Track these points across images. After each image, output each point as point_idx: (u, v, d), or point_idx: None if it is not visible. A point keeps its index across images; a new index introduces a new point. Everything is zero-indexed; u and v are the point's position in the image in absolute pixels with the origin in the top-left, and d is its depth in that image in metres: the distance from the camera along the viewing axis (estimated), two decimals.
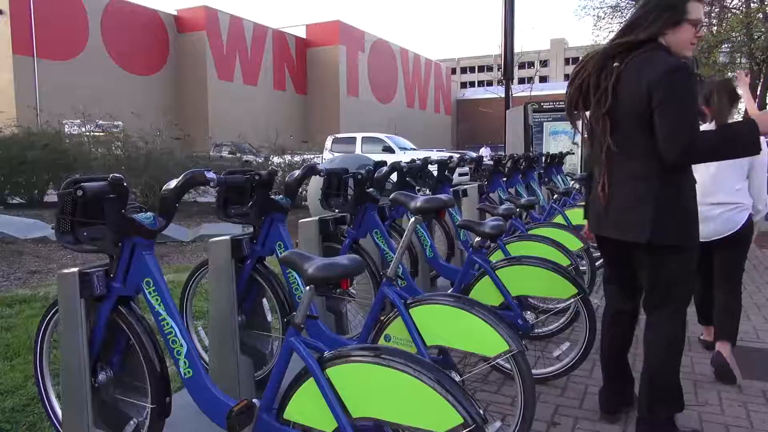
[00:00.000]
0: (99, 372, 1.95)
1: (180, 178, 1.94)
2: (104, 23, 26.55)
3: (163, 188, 1.95)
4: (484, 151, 26.88)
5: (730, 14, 12.15)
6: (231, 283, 2.44)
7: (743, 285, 3.23)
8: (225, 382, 2.41)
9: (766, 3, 10.37)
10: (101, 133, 10.85)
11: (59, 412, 2.16)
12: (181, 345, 1.87)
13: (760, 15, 10.42)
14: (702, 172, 2.81)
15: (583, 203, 5.27)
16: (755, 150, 2.02)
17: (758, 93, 12.76)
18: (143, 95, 27.33)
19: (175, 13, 30.92)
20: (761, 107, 12.84)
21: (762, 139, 2.08)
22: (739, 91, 3.19)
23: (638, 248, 2.19)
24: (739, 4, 11.96)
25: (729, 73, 15.44)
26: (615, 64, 2.11)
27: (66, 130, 11.57)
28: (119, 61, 27.27)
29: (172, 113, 17.94)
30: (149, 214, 1.92)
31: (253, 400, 1.80)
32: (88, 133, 10.83)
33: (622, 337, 2.48)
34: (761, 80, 12.84)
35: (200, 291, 3.87)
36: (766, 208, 3.14)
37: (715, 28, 12.91)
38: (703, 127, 2.94)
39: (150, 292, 1.89)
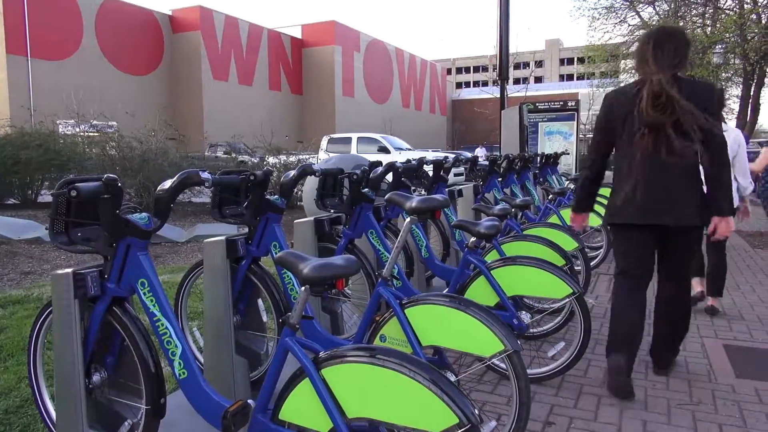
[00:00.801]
0: (93, 373, 1.95)
1: (175, 178, 1.94)
2: (98, 23, 26.46)
3: (158, 188, 1.95)
4: (480, 152, 26.95)
5: (723, 15, 12.19)
6: (226, 284, 2.43)
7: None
8: (220, 382, 2.41)
9: (759, 4, 10.42)
10: (95, 133, 10.80)
11: (53, 413, 2.15)
12: (176, 346, 1.87)
13: (754, 16, 10.47)
14: None
15: None
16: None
17: (752, 93, 12.83)
18: (138, 95, 27.26)
19: (169, 12, 30.85)
20: (755, 107, 12.92)
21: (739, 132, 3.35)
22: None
23: (675, 231, 2.73)
24: (733, 5, 12.00)
25: (723, 74, 15.52)
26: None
27: (60, 130, 11.52)
28: (114, 61, 27.19)
29: (167, 113, 17.84)
30: (144, 214, 1.92)
31: (248, 401, 1.80)
32: (82, 133, 10.78)
33: (638, 308, 2.80)
34: (755, 81, 12.90)
35: (195, 291, 3.87)
36: (751, 185, 3.95)
37: (709, 29, 12.96)
38: None
39: (145, 293, 1.88)
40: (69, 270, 1.83)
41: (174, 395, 2.54)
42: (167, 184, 1.94)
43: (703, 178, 2.71)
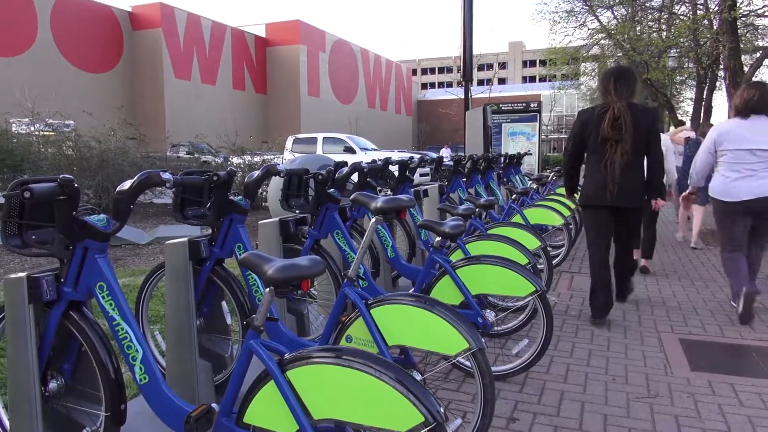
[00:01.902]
0: (49, 380, 1.89)
1: (135, 178, 1.90)
2: (54, 18, 25.61)
3: (117, 189, 1.90)
4: (445, 152, 27.17)
5: (678, 20, 12.61)
6: (189, 286, 2.39)
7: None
8: (183, 387, 2.36)
9: (711, 10, 10.81)
10: (51, 133, 10.45)
11: (6, 423, 2.08)
12: (137, 350, 1.83)
13: (706, 22, 10.85)
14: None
15: (541, 202, 5.40)
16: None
17: (704, 96, 13.31)
18: (96, 93, 26.51)
19: (129, 9, 30.09)
20: (707, 110, 13.40)
21: (666, 137, 4.77)
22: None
23: (628, 211, 3.83)
24: (687, 11, 12.42)
25: (678, 77, 16.05)
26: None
27: (13, 128, 11.12)
28: (70, 58, 26.37)
29: (127, 112, 17.39)
30: (102, 216, 1.87)
31: (212, 405, 1.77)
32: (37, 133, 10.42)
33: (607, 263, 3.94)
34: (707, 84, 13.39)
35: (157, 294, 3.78)
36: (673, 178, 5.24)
37: (664, 33, 13.39)
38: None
39: (103, 297, 1.83)
40: (23, 274, 1.77)
41: (135, 401, 2.48)
42: (127, 184, 1.90)
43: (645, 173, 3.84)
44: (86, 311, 1.89)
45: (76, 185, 1.80)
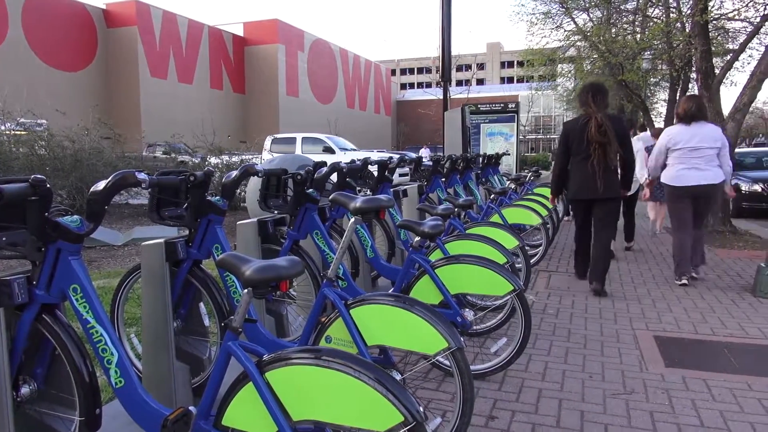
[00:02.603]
0: (21, 385, 1.84)
1: (109, 179, 1.86)
2: (25, 15, 25.04)
3: (91, 190, 1.87)
4: (424, 152, 27.26)
5: (651, 23, 12.83)
6: (165, 288, 2.36)
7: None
8: (160, 390, 2.33)
9: (683, 13, 11.02)
10: (23, 132, 10.20)
11: None
12: (112, 353, 1.80)
13: (678, 24, 11.06)
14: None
15: (519, 202, 5.45)
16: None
17: (677, 97, 13.56)
18: (70, 92, 25.98)
19: (103, 6, 29.56)
20: None
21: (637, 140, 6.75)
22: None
23: (605, 201, 4.68)
24: (660, 13, 12.64)
25: (651, 79, 16.32)
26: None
27: None
28: (43, 56, 25.80)
29: (102, 111, 17.05)
30: (75, 217, 1.83)
31: (190, 408, 1.75)
32: (8, 132, 10.16)
33: (588, 240, 5.00)
34: (680, 85, 13.65)
35: (133, 297, 3.73)
36: (644, 175, 6.12)
37: (639, 36, 13.61)
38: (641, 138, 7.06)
39: (77, 299, 1.80)
40: None
41: (110, 405, 2.45)
42: (101, 185, 1.86)
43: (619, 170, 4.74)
44: (59, 314, 1.85)
45: (48, 186, 1.77)
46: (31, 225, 1.77)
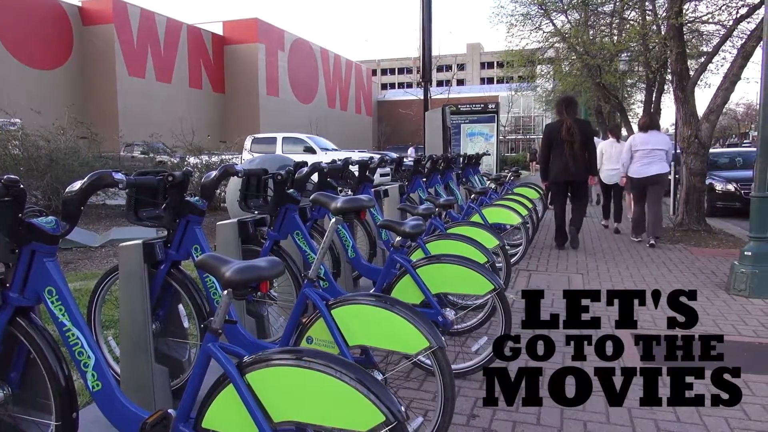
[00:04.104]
0: None
1: (85, 179, 1.83)
2: None
3: (66, 190, 1.84)
4: (411, 151, 27.37)
5: (628, 25, 13.02)
6: (143, 290, 2.33)
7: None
8: (138, 393, 2.30)
9: (659, 16, 11.20)
10: None
11: None
12: (89, 356, 1.77)
13: (654, 27, 11.23)
14: (611, 153, 8.39)
15: (499, 201, 5.49)
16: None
17: (653, 98, 13.78)
18: (44, 91, 25.44)
19: (79, 3, 29.03)
20: (656, 112, 13.89)
21: (604, 142, 9.11)
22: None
23: (577, 184, 6.80)
24: (636, 16, 12.82)
25: (628, 80, 16.57)
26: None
27: None
28: (16, 54, 25.21)
29: (78, 110, 16.74)
30: (50, 218, 1.80)
31: (169, 411, 1.73)
32: None
33: (564, 213, 6.80)
34: (656, 87, 13.88)
35: (110, 299, 3.67)
36: (622, 169, 7.41)
37: (616, 38, 13.79)
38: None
39: (52, 302, 1.76)
40: None
41: (87, 409, 2.41)
42: (77, 185, 1.83)
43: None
44: (34, 317, 1.82)
45: (22, 186, 1.73)
46: (4, 226, 1.73)
